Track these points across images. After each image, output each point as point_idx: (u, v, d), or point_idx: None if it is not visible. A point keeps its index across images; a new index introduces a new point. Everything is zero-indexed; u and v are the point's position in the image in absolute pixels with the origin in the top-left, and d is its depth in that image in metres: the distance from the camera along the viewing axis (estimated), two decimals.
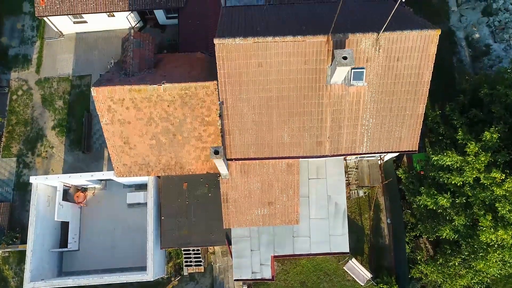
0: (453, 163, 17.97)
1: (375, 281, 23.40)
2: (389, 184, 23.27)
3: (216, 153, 16.23)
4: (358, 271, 23.42)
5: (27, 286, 21.86)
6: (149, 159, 22.22)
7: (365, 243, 24.38)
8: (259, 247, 21.71)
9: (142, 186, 25.78)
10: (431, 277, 21.22)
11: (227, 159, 19.29)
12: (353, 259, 23.49)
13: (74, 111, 28.34)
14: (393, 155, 22.27)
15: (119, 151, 21.99)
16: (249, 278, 21.96)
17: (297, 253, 21.58)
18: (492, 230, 17.00)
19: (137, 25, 29.13)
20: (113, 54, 29.20)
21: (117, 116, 21.00)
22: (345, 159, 22.82)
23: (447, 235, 19.03)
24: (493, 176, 16.50)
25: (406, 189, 21.60)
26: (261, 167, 19.98)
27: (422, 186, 20.19)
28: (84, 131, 27.52)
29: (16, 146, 27.75)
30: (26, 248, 22.64)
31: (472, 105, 20.09)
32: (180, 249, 24.55)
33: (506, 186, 16.44)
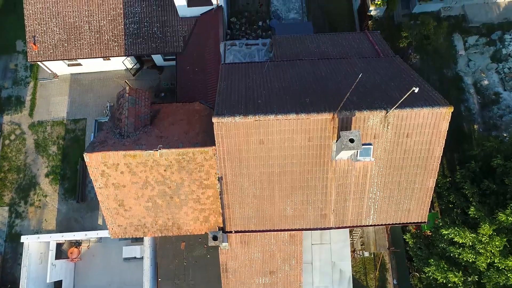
0: (465, 241, 17.04)
1: None
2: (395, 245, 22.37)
3: (215, 238, 15.28)
4: None
5: None
6: (145, 220, 21.28)
7: None
8: None
9: (139, 239, 24.85)
10: None
11: (226, 232, 18.35)
12: None
13: (69, 157, 27.38)
14: None
15: (113, 213, 21.06)
16: None
17: None
18: None
19: (134, 67, 28.17)
20: (108, 97, 28.34)
21: (111, 180, 20.06)
22: None
23: None
24: (509, 264, 15.56)
25: (414, 255, 20.65)
26: (262, 237, 19.06)
27: (431, 252, 19.24)
28: (78, 179, 26.59)
29: (8, 195, 26.80)
30: None
31: (484, 172, 19.11)
32: None
33: None
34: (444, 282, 18.57)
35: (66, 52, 25.80)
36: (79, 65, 27.59)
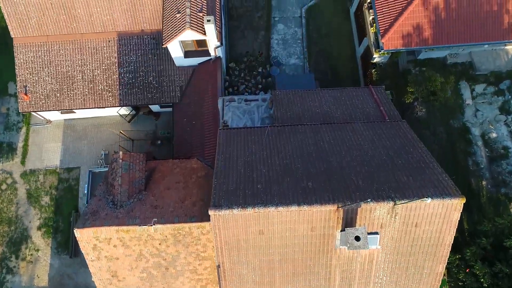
0: None
1: None
2: None
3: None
4: None
5: None
6: None
7: None
8: None
9: None
10: None
11: None
12: None
13: (61, 208, 26.44)
14: None
15: (106, 283, 20.16)
16: None
17: None
18: None
19: (129, 113, 27.22)
20: (103, 144, 27.43)
21: (103, 253, 19.15)
22: None
23: None
24: None
25: None
26: None
27: None
28: (71, 233, 25.64)
29: None
30: None
31: (495, 248, 18.18)
32: None
33: None
34: None
35: (59, 102, 24.85)
36: (73, 112, 26.66)
